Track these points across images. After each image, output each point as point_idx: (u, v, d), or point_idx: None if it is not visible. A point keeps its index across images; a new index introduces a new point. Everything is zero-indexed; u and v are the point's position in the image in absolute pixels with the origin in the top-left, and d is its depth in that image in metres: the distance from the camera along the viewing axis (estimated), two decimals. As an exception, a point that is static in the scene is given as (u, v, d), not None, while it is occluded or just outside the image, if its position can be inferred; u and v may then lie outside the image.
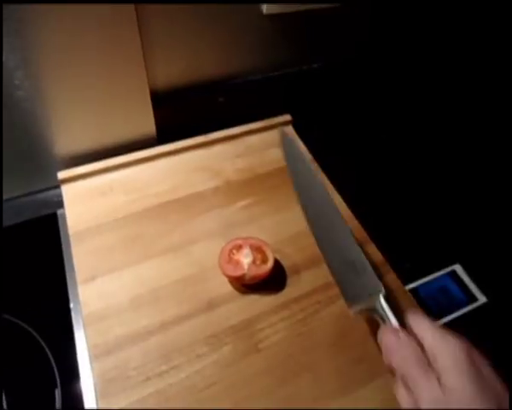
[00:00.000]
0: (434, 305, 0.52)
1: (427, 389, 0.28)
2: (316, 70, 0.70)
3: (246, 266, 0.47)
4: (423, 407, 0.28)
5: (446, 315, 0.51)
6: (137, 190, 0.57)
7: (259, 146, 0.65)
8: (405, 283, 0.52)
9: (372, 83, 0.74)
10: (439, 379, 0.28)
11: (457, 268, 0.56)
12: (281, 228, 0.55)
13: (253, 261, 0.48)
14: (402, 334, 0.33)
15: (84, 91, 0.53)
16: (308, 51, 0.67)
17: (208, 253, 0.51)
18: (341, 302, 0.49)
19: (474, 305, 0.52)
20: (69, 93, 0.53)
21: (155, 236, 0.53)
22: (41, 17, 0.45)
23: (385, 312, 0.38)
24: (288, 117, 0.68)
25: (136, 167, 0.60)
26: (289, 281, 0.50)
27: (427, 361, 0.30)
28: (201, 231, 0.54)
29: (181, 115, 0.62)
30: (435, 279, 0.55)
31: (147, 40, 0.52)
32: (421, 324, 0.33)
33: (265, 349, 0.45)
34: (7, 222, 0.56)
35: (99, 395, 0.41)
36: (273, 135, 0.67)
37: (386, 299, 0.39)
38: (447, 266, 0.56)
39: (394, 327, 0.36)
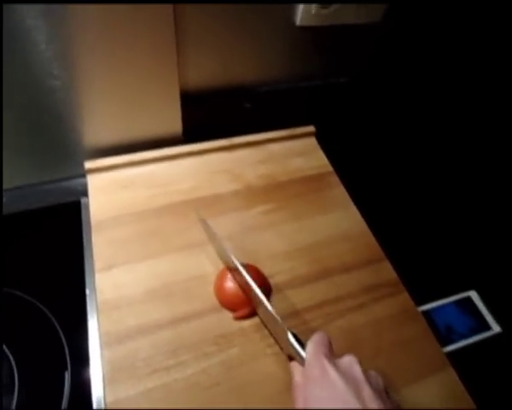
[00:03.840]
0: (446, 330, 0.52)
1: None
2: (343, 84, 0.71)
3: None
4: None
5: (457, 341, 0.50)
6: (159, 186, 0.59)
7: (282, 154, 0.66)
8: (418, 304, 0.52)
9: (399, 99, 0.74)
10: None
11: (473, 295, 0.55)
12: (298, 236, 0.55)
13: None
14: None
15: (116, 86, 0.55)
16: (336, 65, 0.67)
17: (223, 254, 0.52)
18: (351, 317, 0.49)
19: (488, 334, 0.51)
20: (102, 87, 0.54)
21: (173, 232, 0.54)
22: (80, 13, 0.46)
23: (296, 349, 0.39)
24: (311, 128, 0.68)
25: (159, 164, 0.61)
26: (301, 290, 0.50)
27: None
28: (219, 232, 0.54)
29: (207, 117, 0.63)
30: (449, 304, 0.54)
31: (182, 42, 0.54)
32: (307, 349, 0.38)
33: (273, 355, 0.45)
34: (31, 206, 0.57)
35: (107, 382, 0.41)
36: (296, 144, 0.67)
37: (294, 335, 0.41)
38: (462, 291, 0.55)
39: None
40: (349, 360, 0.36)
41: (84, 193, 0.57)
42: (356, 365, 0.35)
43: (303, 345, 0.39)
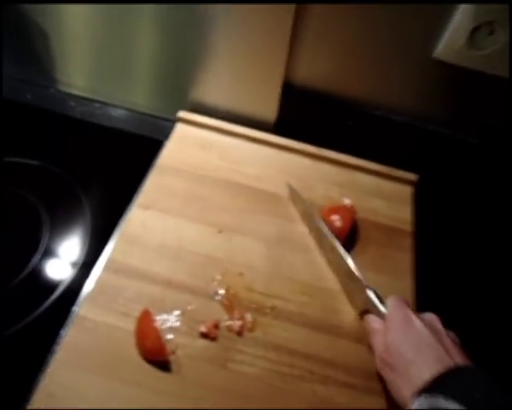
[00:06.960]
0: None
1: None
2: (468, 144, 0.58)
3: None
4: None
5: None
6: (231, 161, 0.59)
7: (366, 188, 0.59)
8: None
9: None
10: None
11: None
12: (328, 276, 0.50)
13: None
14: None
15: (231, 58, 0.57)
16: (469, 120, 0.56)
17: (245, 250, 0.50)
18: (324, 389, 0.42)
19: None
20: (220, 54, 0.57)
21: (216, 207, 0.54)
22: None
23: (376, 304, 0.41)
24: (413, 176, 0.59)
25: (242, 142, 0.61)
26: (294, 329, 0.45)
27: None
28: (254, 229, 0.52)
29: (305, 117, 0.60)
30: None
31: (300, 31, 0.52)
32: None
33: (232, 372, 0.42)
34: (126, 128, 0.64)
35: (88, 298, 0.45)
36: (387, 185, 0.59)
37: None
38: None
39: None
40: (431, 316, 0.37)
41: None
42: (438, 321, 0.37)
43: (382, 302, 0.41)
